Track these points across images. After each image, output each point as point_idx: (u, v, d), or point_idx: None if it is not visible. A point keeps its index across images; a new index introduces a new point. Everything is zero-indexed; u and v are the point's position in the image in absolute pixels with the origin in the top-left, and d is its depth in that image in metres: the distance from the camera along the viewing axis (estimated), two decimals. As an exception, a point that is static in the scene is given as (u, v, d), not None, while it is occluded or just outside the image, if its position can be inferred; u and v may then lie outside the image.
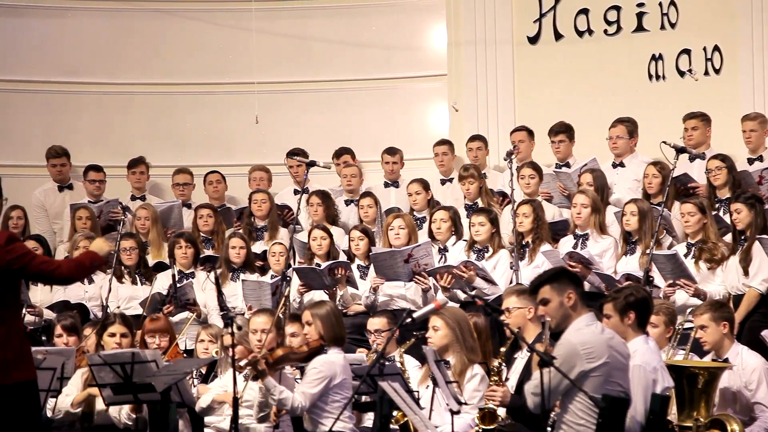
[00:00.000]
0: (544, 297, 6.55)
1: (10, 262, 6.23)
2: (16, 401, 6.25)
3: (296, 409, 7.67)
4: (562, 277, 6.62)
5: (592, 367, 6.33)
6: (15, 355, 6.26)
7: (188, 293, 10.07)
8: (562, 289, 6.52)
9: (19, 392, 6.27)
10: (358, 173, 11.89)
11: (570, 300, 6.50)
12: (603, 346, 6.38)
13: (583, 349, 6.33)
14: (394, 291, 9.95)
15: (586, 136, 11.61)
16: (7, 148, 13.12)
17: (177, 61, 13.55)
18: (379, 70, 13.51)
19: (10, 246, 6.25)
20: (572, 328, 6.47)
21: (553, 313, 6.53)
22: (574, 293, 6.53)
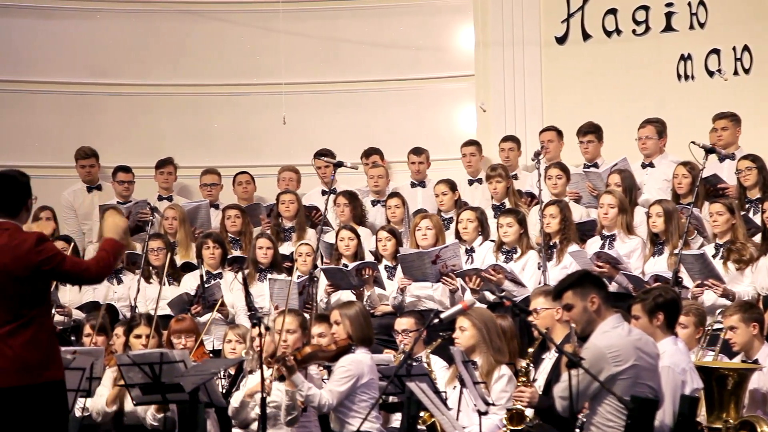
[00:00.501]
0: (567, 302, 6.53)
1: (41, 263, 6.25)
2: (45, 401, 6.27)
3: (323, 406, 7.68)
4: (585, 281, 6.59)
5: (619, 370, 6.30)
6: (44, 354, 6.28)
7: (216, 293, 10.10)
8: (585, 293, 6.49)
9: (48, 392, 6.29)
10: (384, 174, 11.88)
11: (593, 304, 6.48)
12: (630, 348, 6.35)
13: (610, 353, 6.31)
14: (421, 292, 9.93)
15: (615, 136, 11.57)
16: (36, 149, 13.19)
17: (205, 62, 13.58)
18: (406, 71, 13.51)
19: (40, 246, 6.27)
20: (598, 332, 6.45)
21: (578, 318, 6.50)
22: (598, 297, 6.50)
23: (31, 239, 6.27)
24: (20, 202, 6.39)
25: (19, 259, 6.21)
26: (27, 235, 6.32)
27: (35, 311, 6.28)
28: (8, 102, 13.30)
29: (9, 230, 6.29)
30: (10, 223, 6.31)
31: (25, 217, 6.44)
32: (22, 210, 6.39)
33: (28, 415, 6.25)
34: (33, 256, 6.23)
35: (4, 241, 6.25)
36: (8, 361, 6.21)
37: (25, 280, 6.22)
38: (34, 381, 6.23)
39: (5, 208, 6.34)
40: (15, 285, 6.21)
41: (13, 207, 6.36)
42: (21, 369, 6.21)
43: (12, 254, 6.22)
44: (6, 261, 6.21)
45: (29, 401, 6.24)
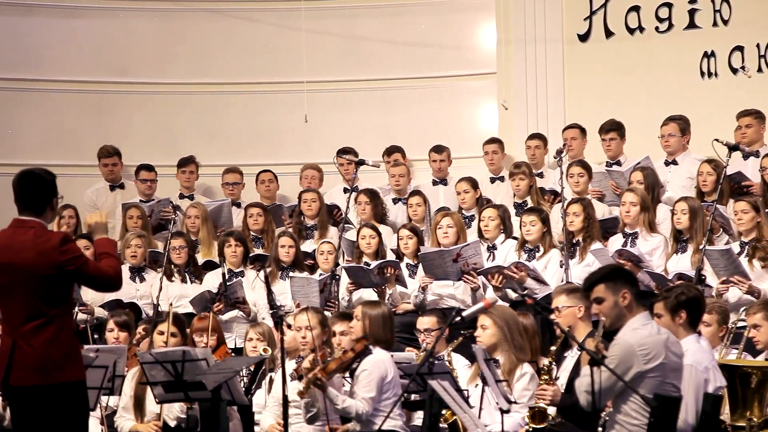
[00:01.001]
0: (598, 296, 6.48)
1: (65, 263, 6.27)
2: (65, 401, 6.29)
3: (361, 415, 7.70)
4: (618, 275, 6.54)
5: (648, 367, 6.27)
6: (65, 354, 6.30)
7: (238, 292, 10.11)
8: (617, 288, 6.45)
9: (68, 392, 6.31)
10: (406, 172, 11.87)
11: (625, 300, 6.44)
12: (660, 346, 6.32)
13: (640, 350, 6.27)
14: (443, 290, 9.92)
15: (637, 134, 11.53)
16: (59, 147, 13.24)
17: (227, 61, 13.60)
18: (428, 69, 13.49)
19: (64, 246, 6.29)
20: (628, 328, 6.41)
21: (607, 312, 6.46)
22: (629, 293, 6.46)
23: (56, 239, 6.30)
24: (45, 201, 6.41)
25: (42, 257, 6.24)
26: (52, 234, 6.35)
27: (57, 310, 6.30)
28: (32, 101, 13.35)
29: (34, 228, 6.31)
30: (35, 221, 6.34)
31: (50, 215, 6.46)
32: (47, 208, 6.42)
33: (48, 414, 6.28)
34: (57, 256, 6.25)
35: (29, 238, 6.28)
36: (29, 360, 6.24)
37: (48, 278, 6.25)
38: (55, 381, 6.25)
39: (30, 206, 6.37)
40: (38, 283, 6.24)
41: (39, 205, 6.38)
42: (42, 368, 6.23)
43: (36, 252, 6.25)
44: (30, 259, 6.24)
45: (49, 400, 6.26)
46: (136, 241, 10.62)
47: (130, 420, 8.29)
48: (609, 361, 6.31)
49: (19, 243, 6.28)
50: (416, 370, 7.45)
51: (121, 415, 8.32)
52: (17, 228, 6.36)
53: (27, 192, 6.38)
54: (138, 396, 8.25)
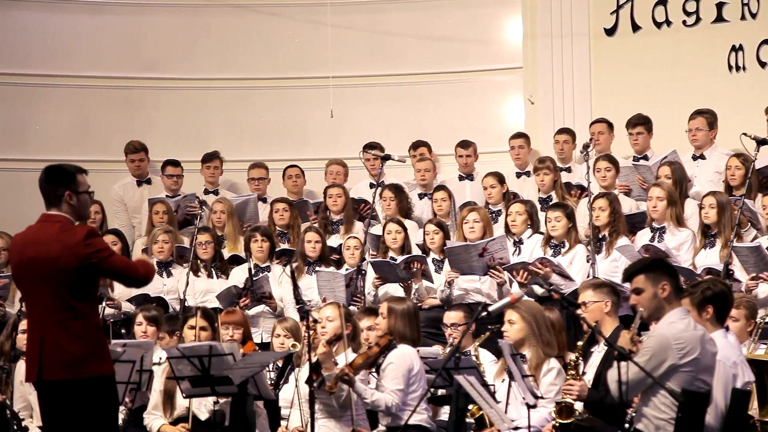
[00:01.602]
0: (637, 287, 6.46)
1: (89, 256, 6.27)
2: (93, 395, 6.30)
3: (390, 408, 7.71)
4: (658, 267, 6.52)
5: (683, 362, 6.26)
6: (91, 349, 6.30)
7: (264, 287, 10.13)
8: (657, 279, 6.43)
9: (96, 387, 6.32)
10: (431, 167, 11.86)
11: (664, 291, 6.42)
12: (696, 341, 6.30)
13: (676, 344, 6.26)
14: (469, 285, 9.91)
15: (665, 128, 11.48)
16: (86, 143, 13.29)
17: (253, 56, 13.62)
18: (454, 64, 13.46)
19: (89, 240, 6.29)
20: (665, 321, 6.39)
21: (646, 303, 6.44)
22: (669, 285, 6.43)
23: (80, 233, 6.31)
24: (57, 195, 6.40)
25: (67, 251, 6.25)
26: (77, 228, 6.37)
27: (82, 305, 6.30)
28: (59, 97, 13.41)
29: (60, 223, 6.34)
30: (61, 216, 6.36)
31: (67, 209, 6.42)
32: (62, 202, 6.40)
33: (76, 408, 6.29)
34: (81, 249, 6.26)
35: (54, 233, 6.31)
36: (57, 355, 6.26)
37: (72, 272, 6.25)
38: (83, 375, 6.26)
39: (48, 201, 6.40)
40: (63, 277, 6.25)
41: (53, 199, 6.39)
42: (68, 363, 6.25)
43: (61, 246, 6.26)
44: (55, 253, 6.26)
45: (78, 395, 6.27)
46: (162, 237, 10.64)
47: (159, 418, 8.29)
48: (643, 353, 6.31)
49: (45, 237, 6.31)
50: (443, 365, 7.45)
51: (151, 412, 8.33)
52: (44, 223, 6.39)
53: (42, 187, 6.43)
54: (168, 391, 8.26)
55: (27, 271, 6.34)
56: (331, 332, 7.97)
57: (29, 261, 6.31)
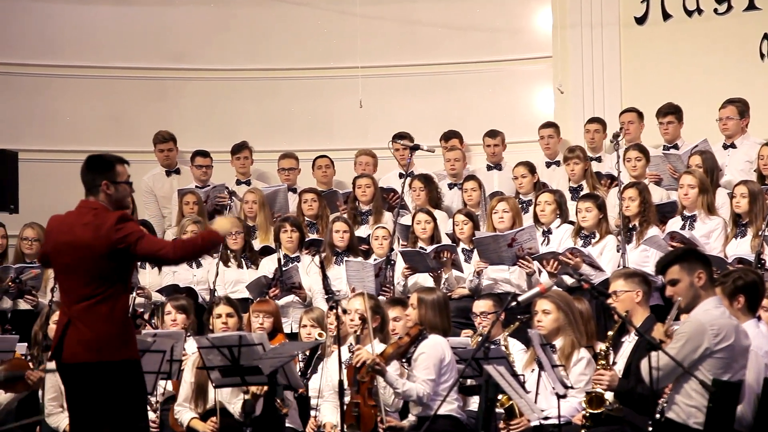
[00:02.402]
0: (673, 277, 6.45)
1: (118, 240, 6.34)
2: (117, 379, 6.35)
3: (422, 397, 7.70)
4: (692, 256, 6.52)
5: (718, 347, 6.25)
6: (119, 333, 6.37)
7: (293, 277, 10.14)
8: (692, 268, 6.42)
9: (120, 371, 6.37)
10: (461, 157, 11.84)
11: (700, 280, 6.41)
12: (731, 328, 6.31)
13: (711, 329, 6.27)
14: (498, 275, 9.89)
15: (695, 117, 11.42)
16: (116, 134, 13.34)
17: (282, 47, 13.63)
18: (483, 53, 13.42)
19: (119, 225, 6.37)
20: (700, 309, 6.39)
21: (683, 293, 6.43)
22: (705, 273, 6.43)
23: (112, 217, 6.40)
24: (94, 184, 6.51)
25: (99, 236, 6.35)
26: (110, 214, 6.45)
27: (112, 290, 6.38)
28: (89, 88, 13.46)
29: (96, 209, 6.44)
30: (98, 203, 6.46)
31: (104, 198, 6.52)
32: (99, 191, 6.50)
33: (100, 391, 6.35)
34: (111, 234, 6.34)
35: (89, 218, 6.41)
36: (82, 337, 6.33)
37: (104, 257, 6.34)
38: (106, 358, 6.32)
39: (87, 189, 6.52)
40: (94, 262, 6.34)
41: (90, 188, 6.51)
42: (94, 346, 6.31)
43: (94, 231, 6.36)
44: (87, 237, 6.36)
45: (101, 378, 6.33)
46: (192, 227, 10.65)
47: (189, 411, 8.31)
48: (678, 338, 6.30)
49: (80, 223, 6.41)
50: (472, 355, 7.43)
51: (181, 404, 8.35)
52: (81, 208, 6.51)
53: (82, 175, 6.55)
54: (199, 383, 8.28)
55: (60, 254, 6.45)
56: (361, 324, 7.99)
57: (62, 245, 6.42)
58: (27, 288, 10.36)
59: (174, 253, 6.49)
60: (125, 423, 6.36)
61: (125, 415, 6.36)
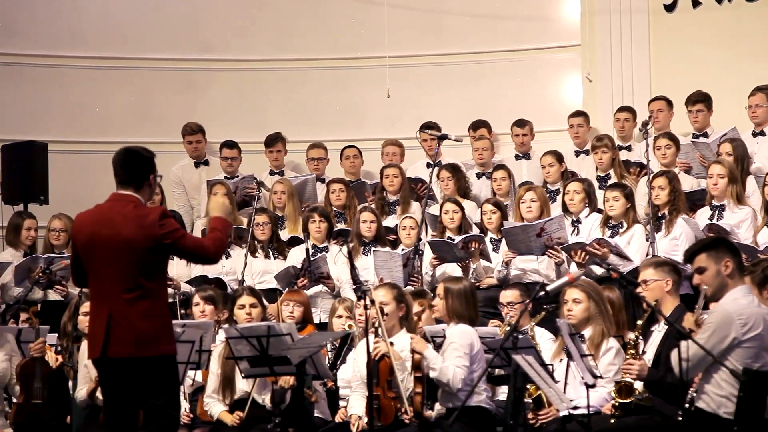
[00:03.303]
0: (700, 265, 6.43)
1: (163, 236, 6.36)
2: (157, 374, 6.39)
3: (456, 381, 7.66)
4: (720, 245, 6.50)
5: (746, 336, 6.22)
6: (159, 328, 6.39)
7: (322, 267, 10.15)
8: (719, 257, 6.40)
9: (161, 365, 6.40)
10: (489, 146, 11.81)
11: (727, 269, 6.39)
12: (759, 318, 6.28)
13: (739, 319, 6.24)
14: (526, 265, 9.87)
15: (724, 105, 11.35)
16: (146, 124, 13.40)
17: (310, 37, 13.63)
18: (511, 42, 13.39)
19: (163, 221, 6.40)
20: (728, 298, 6.37)
21: (710, 281, 6.41)
22: (732, 262, 6.41)
23: (155, 213, 6.42)
24: (144, 177, 6.52)
25: (142, 230, 6.35)
26: (151, 208, 6.49)
27: (153, 284, 6.40)
28: (118, 79, 13.52)
29: (133, 203, 6.44)
30: (134, 196, 6.47)
31: (147, 192, 6.57)
32: (144, 185, 6.52)
33: (140, 386, 6.38)
34: (156, 229, 6.36)
35: (129, 212, 6.41)
36: (125, 332, 6.34)
37: (146, 251, 6.35)
38: (149, 353, 6.34)
39: (130, 182, 6.49)
40: (136, 256, 6.34)
41: (137, 181, 6.50)
42: (137, 340, 6.33)
43: (136, 225, 6.36)
44: (130, 231, 6.36)
45: (142, 373, 6.36)
46: (220, 218, 10.66)
47: (218, 403, 8.32)
48: (705, 329, 6.28)
49: (120, 216, 6.41)
50: (500, 345, 7.42)
51: (210, 396, 8.37)
52: (116, 201, 6.49)
53: (127, 168, 6.51)
54: (226, 374, 8.30)
55: (98, 249, 6.42)
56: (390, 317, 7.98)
57: (103, 239, 6.39)
58: (57, 278, 10.41)
59: (215, 251, 6.55)
60: (160, 414, 6.39)
61: (161, 406, 6.39)
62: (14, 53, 13.31)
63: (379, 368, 7.83)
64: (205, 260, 6.70)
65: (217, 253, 6.59)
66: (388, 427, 7.81)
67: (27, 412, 8.39)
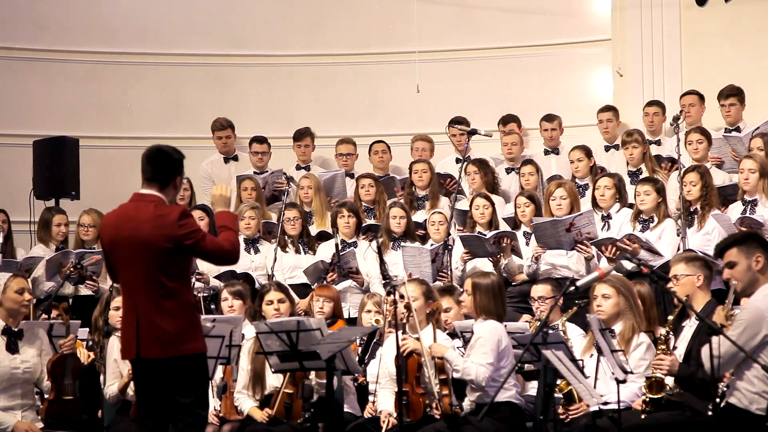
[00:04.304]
0: (731, 260, 6.41)
1: (183, 237, 6.35)
2: (185, 373, 6.40)
3: (481, 380, 7.65)
4: (751, 240, 6.47)
5: None
6: (184, 327, 6.39)
7: (351, 262, 10.15)
8: (750, 252, 6.36)
9: (188, 364, 6.41)
10: (518, 141, 11.78)
11: (758, 264, 6.36)
12: None
13: None
14: (556, 260, 9.83)
15: (757, 99, 11.27)
16: (176, 120, 13.45)
17: (339, 32, 13.65)
18: (541, 37, 13.36)
19: (182, 221, 6.38)
20: (759, 294, 6.34)
21: (740, 276, 6.38)
22: (763, 257, 6.38)
23: (175, 213, 6.40)
24: (170, 177, 6.52)
25: (161, 231, 6.34)
26: (171, 208, 6.47)
27: (175, 284, 6.39)
28: (148, 75, 13.59)
29: (154, 202, 6.43)
30: (156, 195, 6.45)
31: (172, 193, 6.56)
32: (170, 185, 6.52)
33: (169, 385, 6.39)
34: (176, 230, 6.35)
35: (149, 212, 6.40)
36: (151, 333, 6.35)
37: (166, 252, 6.34)
38: (175, 354, 6.35)
39: (156, 180, 6.48)
40: (155, 256, 6.34)
41: (163, 181, 6.49)
42: (162, 341, 6.34)
43: (155, 225, 6.36)
44: (149, 232, 6.36)
45: (170, 373, 6.37)
46: (249, 213, 10.70)
47: (249, 399, 8.33)
48: (736, 325, 6.24)
49: (140, 216, 6.40)
50: (530, 340, 7.39)
51: (241, 392, 8.37)
52: (138, 202, 6.48)
53: (155, 167, 6.50)
54: (256, 370, 8.31)
55: (121, 249, 6.44)
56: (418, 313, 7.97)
57: (124, 239, 6.41)
58: (88, 273, 10.46)
59: (233, 251, 6.54)
60: (187, 412, 6.41)
61: (188, 405, 6.40)
62: (46, 49, 13.38)
63: (407, 364, 7.84)
64: (224, 261, 6.68)
65: (234, 254, 6.57)
66: (417, 422, 7.81)
67: (58, 407, 8.41)
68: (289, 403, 8.01)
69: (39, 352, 8.47)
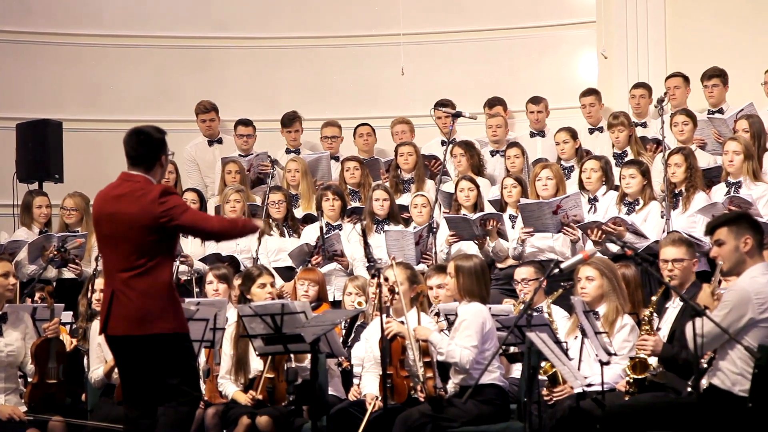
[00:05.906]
0: (719, 238, 6.41)
1: (161, 214, 6.35)
2: (161, 352, 6.38)
3: (465, 362, 7.64)
4: (742, 221, 6.47)
5: (763, 316, 6.20)
6: (162, 306, 6.38)
7: (335, 245, 10.14)
8: (740, 233, 6.37)
9: (164, 343, 6.39)
10: (503, 123, 11.77)
11: (746, 245, 6.36)
12: None
13: (757, 298, 6.22)
14: (542, 243, 9.83)
15: (741, 81, 11.28)
16: (160, 103, 13.39)
17: (324, 15, 13.60)
18: (527, 19, 13.34)
19: (163, 198, 6.38)
20: (746, 275, 6.34)
21: (727, 256, 6.39)
22: (752, 239, 6.38)
23: (156, 191, 6.40)
24: (155, 158, 6.52)
25: (142, 208, 6.36)
26: (153, 186, 6.46)
27: (155, 261, 6.39)
28: (132, 57, 13.53)
29: (139, 182, 6.43)
30: (141, 176, 6.46)
31: (159, 172, 6.56)
32: (156, 165, 6.51)
33: (145, 364, 6.39)
34: (155, 207, 6.35)
35: (133, 191, 6.41)
36: (125, 310, 6.36)
37: (146, 229, 6.35)
38: (149, 332, 6.35)
39: (139, 162, 6.49)
40: (136, 234, 6.36)
41: (148, 161, 6.49)
42: (137, 319, 6.34)
43: (137, 204, 6.38)
44: (131, 210, 6.37)
45: (146, 351, 6.37)
46: (234, 196, 10.68)
47: (232, 383, 8.33)
48: (722, 306, 6.26)
49: (124, 195, 6.42)
50: (515, 322, 7.40)
51: (224, 377, 8.36)
52: (124, 181, 6.50)
53: (137, 149, 6.49)
54: (239, 355, 8.29)
55: (103, 226, 6.47)
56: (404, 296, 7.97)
57: (106, 216, 6.44)
58: (71, 257, 10.44)
59: (220, 226, 6.54)
60: (177, 393, 6.40)
61: (177, 386, 6.40)
62: (30, 31, 13.32)
63: (391, 347, 7.84)
64: (206, 235, 6.73)
65: (222, 230, 6.55)
66: (401, 405, 7.82)
67: (42, 391, 8.39)
68: (271, 387, 8.01)
69: (23, 336, 8.44)
